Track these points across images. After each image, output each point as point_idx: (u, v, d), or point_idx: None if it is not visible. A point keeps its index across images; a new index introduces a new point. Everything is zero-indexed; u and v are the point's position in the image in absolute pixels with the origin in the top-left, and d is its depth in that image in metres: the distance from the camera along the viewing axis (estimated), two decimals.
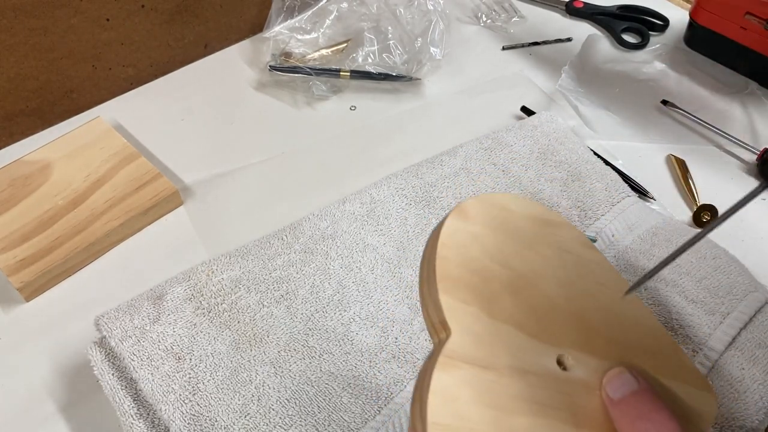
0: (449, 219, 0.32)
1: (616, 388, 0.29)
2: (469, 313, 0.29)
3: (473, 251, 0.31)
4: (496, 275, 0.31)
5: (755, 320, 0.45)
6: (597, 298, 0.33)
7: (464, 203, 0.33)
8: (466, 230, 0.32)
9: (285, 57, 0.66)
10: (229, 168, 0.59)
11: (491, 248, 0.32)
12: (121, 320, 0.43)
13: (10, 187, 0.54)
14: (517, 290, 0.31)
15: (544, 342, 0.30)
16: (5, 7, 0.54)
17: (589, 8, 0.75)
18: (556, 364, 0.30)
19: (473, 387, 0.27)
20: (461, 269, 0.30)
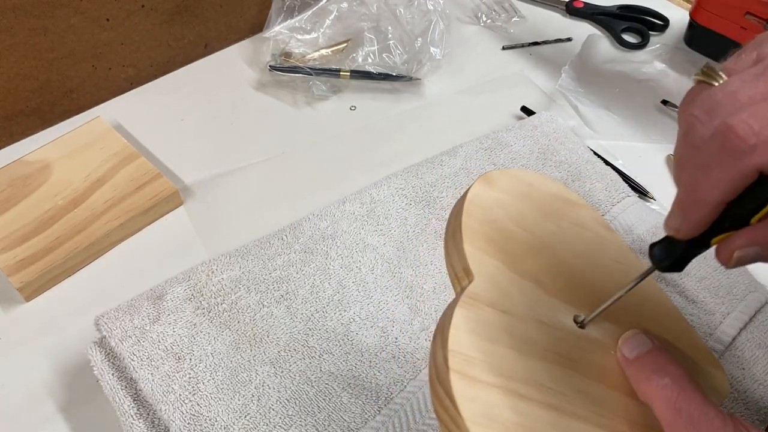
0: (475, 184, 0.33)
1: (632, 348, 0.30)
2: (492, 265, 0.31)
3: (497, 214, 0.33)
4: (517, 237, 0.33)
5: (755, 320, 0.45)
6: (613, 274, 0.34)
7: (490, 173, 0.35)
8: (491, 195, 0.33)
9: (285, 57, 0.66)
10: (229, 168, 0.59)
11: (514, 214, 0.34)
12: (121, 320, 0.43)
13: (10, 187, 0.54)
14: (538, 252, 0.33)
15: (562, 301, 0.31)
16: (5, 7, 0.54)
17: (589, 8, 0.75)
18: (573, 322, 0.31)
19: (492, 327, 0.28)
20: (486, 227, 0.32)
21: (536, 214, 0.35)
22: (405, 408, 0.41)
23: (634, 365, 0.29)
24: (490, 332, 0.28)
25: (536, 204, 0.35)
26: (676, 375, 0.28)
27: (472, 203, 0.33)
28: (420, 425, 0.41)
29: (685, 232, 0.27)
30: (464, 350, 0.27)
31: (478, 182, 0.34)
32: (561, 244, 0.34)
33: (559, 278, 0.33)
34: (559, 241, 0.34)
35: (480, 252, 0.31)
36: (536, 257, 0.33)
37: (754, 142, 0.23)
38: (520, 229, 0.33)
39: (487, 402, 0.26)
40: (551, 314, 0.31)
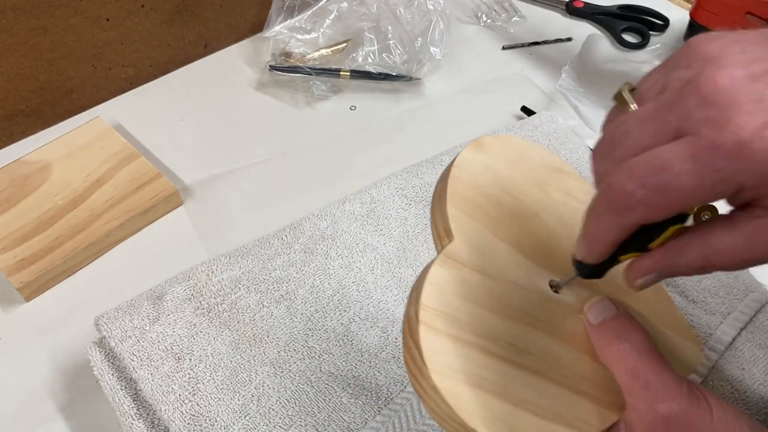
0: (466, 149, 0.34)
1: (596, 313, 0.31)
2: (474, 227, 0.32)
3: (484, 178, 0.34)
4: (503, 202, 0.34)
5: (755, 320, 0.45)
6: None
7: (483, 137, 0.35)
8: (480, 160, 0.34)
9: (285, 57, 0.66)
10: (229, 168, 0.59)
11: (502, 179, 0.34)
12: (121, 320, 0.43)
13: (10, 187, 0.54)
14: (522, 218, 0.34)
15: (541, 266, 0.33)
16: (5, 7, 0.54)
17: (589, 8, 0.75)
18: (549, 286, 0.32)
19: (466, 285, 0.30)
20: (471, 191, 0.33)
21: (525, 181, 0.35)
22: (405, 408, 0.41)
23: (598, 330, 0.30)
24: (464, 290, 0.29)
25: (526, 171, 0.36)
26: (637, 341, 0.29)
27: (460, 167, 0.33)
28: (420, 426, 0.41)
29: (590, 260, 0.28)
30: (435, 305, 0.28)
31: (469, 147, 0.34)
32: (547, 211, 0.35)
33: (541, 244, 0.33)
34: (546, 208, 0.35)
35: (463, 214, 0.32)
36: (519, 223, 0.33)
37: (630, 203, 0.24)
38: (506, 195, 0.34)
39: (453, 354, 0.27)
40: (527, 277, 0.32)
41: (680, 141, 0.24)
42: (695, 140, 0.23)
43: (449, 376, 0.27)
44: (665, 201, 0.24)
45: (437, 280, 0.29)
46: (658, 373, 0.28)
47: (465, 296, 0.29)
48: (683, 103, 0.24)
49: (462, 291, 0.29)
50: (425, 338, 0.27)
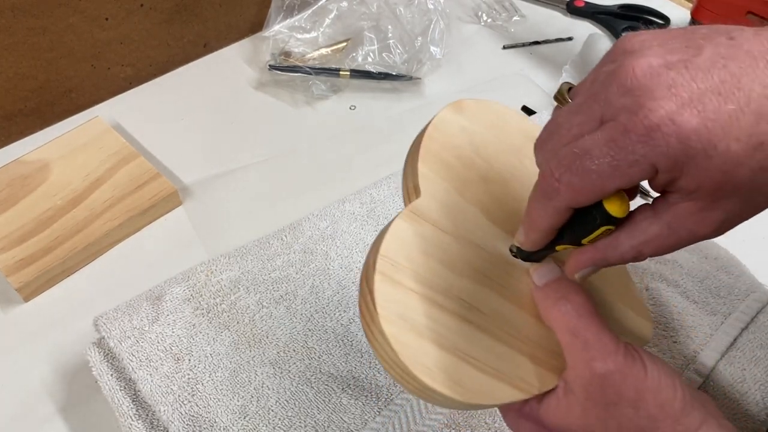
0: (444, 109, 0.35)
1: (540, 275, 0.32)
2: (442, 187, 0.32)
3: (460, 140, 0.34)
4: (475, 165, 0.34)
5: (756, 321, 0.45)
6: None
7: (464, 100, 0.35)
8: (458, 122, 0.35)
9: (284, 56, 0.66)
10: (228, 168, 0.59)
11: (477, 143, 0.35)
12: (120, 321, 0.43)
13: (9, 187, 0.54)
14: (491, 182, 0.34)
15: (504, 231, 0.33)
16: (4, 7, 0.54)
17: (590, 7, 0.75)
18: (508, 251, 0.33)
19: (427, 241, 0.31)
20: (445, 151, 0.33)
21: (500, 146, 0.36)
22: (405, 409, 0.41)
23: (542, 291, 0.31)
24: (424, 245, 0.30)
25: (503, 137, 0.36)
26: (577, 302, 0.30)
27: (437, 128, 0.34)
28: (420, 426, 0.40)
29: (527, 246, 0.30)
30: (393, 256, 0.29)
31: (448, 107, 0.35)
32: (518, 178, 0.35)
33: (507, 209, 0.34)
34: (517, 175, 0.35)
35: (432, 173, 0.32)
36: (489, 186, 0.34)
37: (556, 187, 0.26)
38: (479, 158, 0.34)
39: (404, 304, 0.28)
40: (489, 240, 0.33)
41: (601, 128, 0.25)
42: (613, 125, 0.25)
43: (398, 324, 0.28)
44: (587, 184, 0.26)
45: (398, 232, 0.30)
46: (597, 334, 0.29)
47: (424, 251, 0.30)
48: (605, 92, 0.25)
49: (422, 245, 0.30)
50: (379, 286, 0.28)
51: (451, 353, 0.29)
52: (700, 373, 0.42)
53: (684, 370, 0.42)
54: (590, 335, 0.29)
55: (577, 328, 0.29)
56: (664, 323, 0.44)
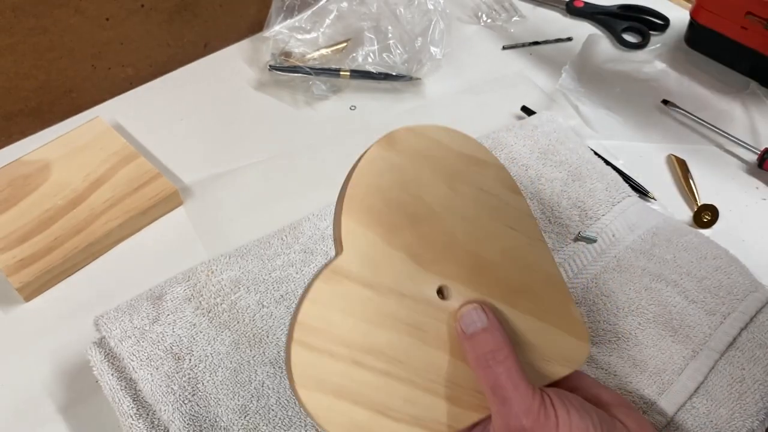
0: (374, 147, 0.34)
1: (467, 324, 0.33)
2: (366, 238, 0.32)
3: (389, 181, 0.34)
4: (403, 205, 0.34)
5: (756, 320, 0.45)
6: (500, 240, 0.36)
7: (396, 131, 0.35)
8: (389, 159, 0.34)
9: (285, 57, 0.66)
10: (228, 168, 0.59)
11: (408, 179, 0.34)
12: (121, 320, 0.43)
13: (10, 187, 0.54)
14: (420, 222, 0.34)
15: (432, 272, 0.33)
16: (4, 7, 0.54)
17: (589, 8, 0.75)
18: (436, 293, 0.33)
19: (348, 300, 0.31)
20: (372, 197, 0.33)
21: (432, 178, 0.35)
22: None
23: (469, 342, 0.32)
24: (344, 304, 0.31)
25: (437, 165, 0.35)
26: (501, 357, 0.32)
27: (362, 172, 0.34)
28: None
29: None
30: (311, 321, 0.30)
31: (378, 144, 0.34)
32: (450, 209, 0.35)
33: (436, 248, 0.34)
34: (450, 206, 0.35)
35: (356, 224, 0.32)
36: (417, 227, 0.34)
37: None
38: (408, 196, 0.34)
39: (321, 368, 0.30)
40: (415, 286, 0.33)
41: None
42: None
43: (313, 388, 0.30)
44: None
45: (318, 296, 0.31)
46: (515, 390, 0.31)
47: (344, 310, 0.31)
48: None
49: (342, 305, 0.31)
50: (296, 354, 0.30)
51: (367, 409, 0.31)
52: (700, 373, 0.42)
53: (683, 371, 0.43)
54: (509, 392, 0.31)
55: (497, 385, 0.31)
56: (663, 323, 0.45)
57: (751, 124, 0.64)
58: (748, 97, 0.66)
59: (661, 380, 0.42)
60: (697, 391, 0.42)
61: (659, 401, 0.41)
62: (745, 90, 0.67)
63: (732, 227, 0.55)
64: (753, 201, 0.57)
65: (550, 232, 0.50)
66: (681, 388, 0.42)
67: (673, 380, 0.42)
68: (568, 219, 0.51)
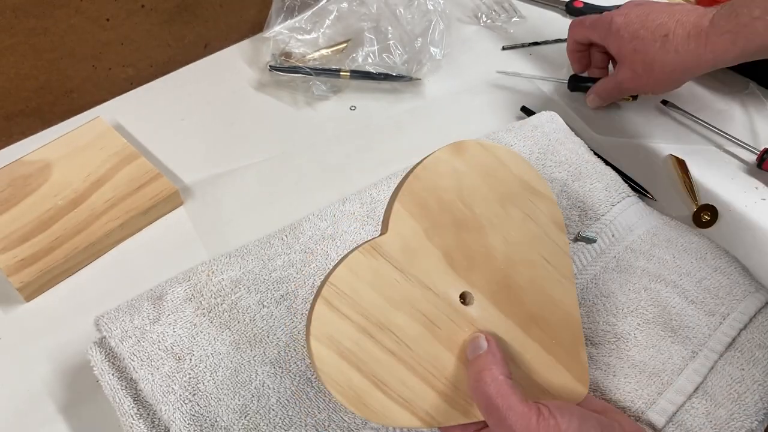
0: (442, 149, 0.37)
1: (471, 350, 0.35)
2: (410, 226, 0.35)
3: (447, 182, 0.36)
4: (453, 209, 0.36)
5: (755, 321, 0.45)
6: (533, 268, 0.38)
7: (466, 141, 0.37)
8: (452, 164, 0.37)
9: (285, 57, 0.66)
10: (229, 168, 0.59)
11: (465, 187, 0.37)
12: (121, 320, 0.43)
13: (10, 187, 0.54)
14: (465, 229, 0.36)
15: (461, 277, 0.36)
16: (5, 7, 0.54)
17: (589, 8, 0.75)
18: (458, 297, 0.35)
19: (378, 277, 0.33)
20: (426, 192, 0.36)
21: (488, 194, 0.37)
22: None
23: (471, 364, 0.34)
24: (373, 279, 0.33)
25: (495, 183, 0.38)
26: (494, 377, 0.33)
27: (426, 167, 0.36)
28: None
29: None
30: (341, 286, 0.33)
31: (447, 148, 0.37)
32: (496, 226, 0.37)
33: (471, 257, 0.36)
34: (496, 224, 0.37)
35: (406, 212, 0.35)
36: (460, 233, 0.36)
37: None
38: (460, 203, 0.36)
39: (337, 329, 0.32)
40: (442, 285, 0.35)
41: None
42: None
43: (324, 343, 0.32)
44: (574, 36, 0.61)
45: (353, 264, 0.33)
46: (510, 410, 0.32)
47: (372, 285, 0.33)
48: None
49: (371, 279, 0.33)
50: (319, 308, 0.32)
51: (366, 377, 0.32)
52: (699, 373, 0.43)
53: (682, 371, 0.43)
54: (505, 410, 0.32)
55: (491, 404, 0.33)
56: (662, 323, 0.45)
57: (751, 125, 0.64)
58: (747, 98, 0.66)
59: (660, 381, 0.42)
60: (697, 392, 0.42)
61: (658, 401, 0.41)
62: (744, 90, 0.67)
63: (732, 227, 0.55)
64: (752, 201, 0.57)
65: None
66: (680, 388, 0.42)
67: (672, 380, 0.42)
68: (568, 219, 0.51)
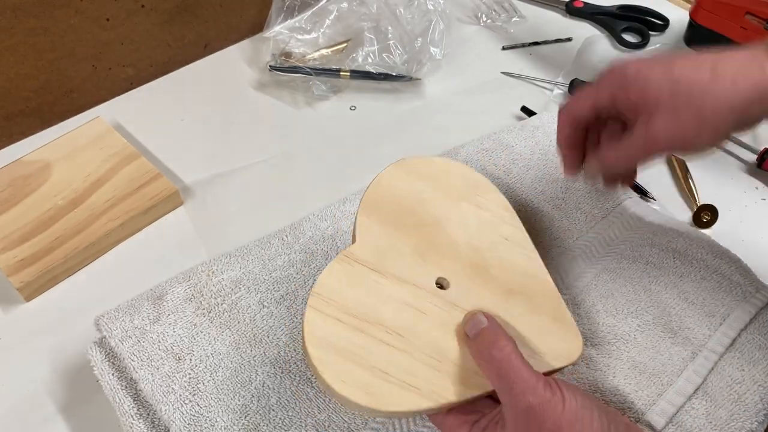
0: (390, 166, 0.42)
1: (471, 327, 0.36)
2: (377, 232, 0.39)
3: (400, 192, 0.41)
4: (412, 213, 0.40)
5: (755, 322, 0.45)
6: (497, 248, 0.41)
7: (407, 159, 0.43)
8: (400, 176, 0.42)
9: (285, 57, 0.66)
10: (229, 168, 0.59)
11: (417, 192, 0.41)
12: (121, 320, 0.43)
13: (10, 187, 0.54)
14: (426, 226, 0.40)
15: (433, 265, 0.39)
16: (5, 7, 0.54)
17: (589, 8, 0.75)
18: (435, 284, 0.38)
19: (357, 279, 0.37)
20: (385, 202, 0.40)
21: (437, 195, 0.42)
22: None
23: (474, 342, 0.36)
24: (353, 283, 0.36)
25: (442, 186, 0.42)
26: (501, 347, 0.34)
27: (379, 182, 0.41)
28: (420, 427, 0.41)
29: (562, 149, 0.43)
30: (324, 293, 0.36)
31: (394, 164, 0.42)
32: (452, 220, 0.41)
33: (439, 248, 0.40)
34: (452, 217, 0.41)
35: (370, 221, 0.39)
36: (422, 230, 0.40)
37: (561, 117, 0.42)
38: (418, 205, 0.41)
39: (329, 332, 0.35)
40: (417, 276, 0.38)
41: None
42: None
43: (321, 347, 0.34)
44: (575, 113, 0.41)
45: (330, 272, 0.36)
46: (518, 373, 0.33)
47: (353, 287, 0.36)
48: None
49: (351, 283, 0.36)
50: (309, 316, 0.35)
51: (366, 369, 0.34)
52: (699, 374, 0.42)
53: (682, 372, 0.43)
54: (513, 375, 0.33)
55: (499, 372, 0.34)
56: (662, 324, 0.45)
57: None
58: None
59: (660, 381, 0.42)
60: (696, 393, 0.42)
61: (658, 402, 0.41)
62: None
63: (732, 227, 0.55)
64: (753, 201, 0.57)
65: (553, 234, 0.50)
66: (680, 389, 0.42)
67: (672, 381, 0.42)
68: (570, 220, 0.51)
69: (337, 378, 0.33)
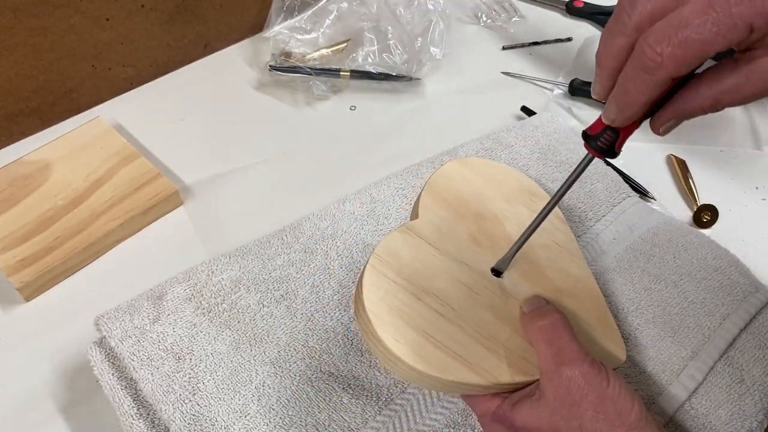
0: (451, 161, 0.44)
1: (530, 304, 0.37)
2: (439, 214, 0.41)
3: (461, 185, 0.43)
4: (471, 205, 0.42)
5: (755, 321, 0.45)
6: (548, 250, 0.42)
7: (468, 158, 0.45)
8: (461, 172, 0.44)
9: (285, 57, 0.66)
10: (229, 168, 0.59)
11: (475, 189, 0.43)
12: (121, 320, 0.43)
13: (10, 187, 0.54)
14: (483, 219, 0.42)
15: (488, 254, 0.40)
16: (5, 7, 0.54)
17: (589, 8, 0.75)
18: (490, 270, 0.39)
19: (415, 249, 0.38)
20: (446, 191, 0.42)
21: (496, 194, 0.43)
22: (405, 409, 0.41)
23: (528, 315, 0.37)
24: (412, 251, 0.38)
25: (499, 187, 0.44)
26: (555, 318, 0.35)
27: (441, 174, 0.43)
28: (420, 426, 0.41)
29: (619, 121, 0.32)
30: (384, 256, 0.37)
31: (454, 161, 0.44)
32: (508, 218, 0.42)
33: (493, 240, 0.41)
34: (508, 216, 0.42)
35: (432, 203, 0.41)
36: (480, 221, 0.41)
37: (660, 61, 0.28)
38: (476, 200, 0.42)
39: (386, 291, 0.36)
40: (473, 260, 0.39)
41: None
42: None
43: (377, 303, 0.35)
44: (690, 53, 0.27)
45: (392, 239, 0.38)
46: (568, 343, 0.34)
47: (411, 255, 0.38)
48: None
49: (410, 252, 0.38)
50: (367, 274, 0.36)
51: (419, 333, 0.35)
52: (699, 374, 0.42)
53: (682, 371, 0.43)
54: (563, 344, 0.34)
55: (551, 339, 0.34)
56: (662, 324, 0.45)
57: (751, 125, 0.64)
58: None
59: (660, 380, 0.42)
60: (696, 392, 0.42)
61: (658, 401, 0.41)
62: None
63: (732, 227, 0.55)
64: (753, 201, 0.57)
65: None
66: (680, 388, 0.42)
67: (672, 381, 0.42)
68: (570, 220, 0.51)
69: (391, 336, 0.34)
